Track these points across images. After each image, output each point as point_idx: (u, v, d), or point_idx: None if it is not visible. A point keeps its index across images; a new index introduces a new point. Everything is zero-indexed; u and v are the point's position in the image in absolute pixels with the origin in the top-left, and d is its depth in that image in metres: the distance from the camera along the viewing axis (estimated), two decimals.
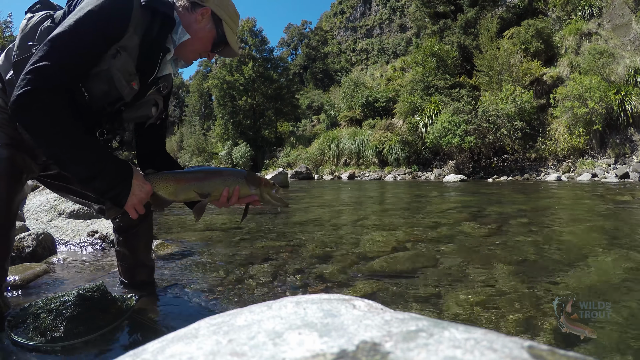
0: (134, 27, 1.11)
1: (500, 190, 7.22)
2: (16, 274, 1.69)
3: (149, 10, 1.14)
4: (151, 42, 1.16)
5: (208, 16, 1.23)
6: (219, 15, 1.24)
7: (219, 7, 1.24)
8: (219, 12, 1.24)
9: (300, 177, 15.22)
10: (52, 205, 2.69)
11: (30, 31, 1.18)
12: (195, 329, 0.48)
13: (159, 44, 1.18)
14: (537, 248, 2.37)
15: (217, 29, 1.25)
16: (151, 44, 1.16)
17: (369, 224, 3.42)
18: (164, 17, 1.16)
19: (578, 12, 15.23)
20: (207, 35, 1.25)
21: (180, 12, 1.22)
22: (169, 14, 1.17)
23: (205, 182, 1.17)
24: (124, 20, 1.09)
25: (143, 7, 1.12)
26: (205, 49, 1.27)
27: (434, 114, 14.84)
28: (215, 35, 1.26)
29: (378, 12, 47.39)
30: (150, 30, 1.15)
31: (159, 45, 1.18)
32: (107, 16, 1.05)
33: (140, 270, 1.59)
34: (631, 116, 11.13)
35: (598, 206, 4.43)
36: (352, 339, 0.37)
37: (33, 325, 1.17)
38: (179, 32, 1.21)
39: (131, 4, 1.10)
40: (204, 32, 1.23)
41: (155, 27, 1.16)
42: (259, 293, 1.65)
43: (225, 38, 1.27)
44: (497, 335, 0.35)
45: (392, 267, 2.01)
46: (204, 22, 1.23)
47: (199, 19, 1.22)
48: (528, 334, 1.23)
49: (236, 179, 1.19)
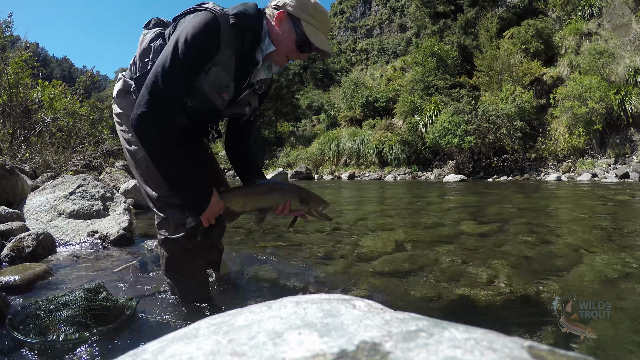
0: (225, 44, 1.24)
1: (500, 190, 7.22)
2: (16, 274, 1.69)
3: (239, 27, 1.25)
4: (243, 55, 1.30)
5: (285, 18, 1.28)
6: (296, 15, 1.27)
7: (295, 7, 1.27)
8: (295, 12, 1.27)
9: (300, 177, 15.21)
10: (52, 205, 2.69)
11: (147, 47, 1.40)
12: (195, 329, 0.48)
13: (248, 57, 1.31)
14: (537, 248, 2.37)
15: (295, 29, 1.28)
16: (243, 57, 1.30)
17: (369, 224, 3.42)
18: (252, 33, 1.28)
19: (578, 12, 15.22)
20: (288, 37, 1.29)
21: (268, 21, 1.31)
22: (255, 30, 1.29)
23: (266, 197, 1.39)
24: (214, 42, 1.22)
25: (232, 26, 1.24)
26: (290, 50, 1.31)
27: (434, 114, 14.82)
28: (295, 36, 1.29)
29: (378, 12, 47.38)
30: (242, 45, 1.28)
31: (249, 58, 1.32)
32: (200, 42, 1.19)
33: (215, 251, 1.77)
34: (631, 116, 11.12)
35: (598, 206, 4.43)
36: (352, 339, 0.37)
37: (34, 324, 1.17)
38: (266, 43, 1.31)
39: (218, 26, 1.22)
40: (284, 35, 1.29)
41: (246, 42, 1.28)
42: (259, 293, 1.65)
43: (306, 36, 1.27)
44: (497, 335, 0.35)
45: (392, 267, 2.01)
46: (283, 25, 1.29)
47: (277, 24, 1.29)
48: (528, 334, 1.23)
49: (290, 196, 1.39)
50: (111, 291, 1.44)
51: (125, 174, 5.52)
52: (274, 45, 1.30)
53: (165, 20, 1.48)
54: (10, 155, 5.34)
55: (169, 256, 1.43)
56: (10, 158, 4.97)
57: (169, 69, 1.18)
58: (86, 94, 9.85)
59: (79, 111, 8.16)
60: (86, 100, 9.51)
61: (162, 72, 1.17)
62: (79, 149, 6.98)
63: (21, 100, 6.72)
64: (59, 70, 73.84)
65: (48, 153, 5.61)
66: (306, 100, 31.40)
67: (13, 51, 8.31)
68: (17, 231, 2.32)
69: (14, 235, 2.21)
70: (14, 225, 2.36)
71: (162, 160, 1.22)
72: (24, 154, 5.65)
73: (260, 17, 1.30)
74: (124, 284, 1.73)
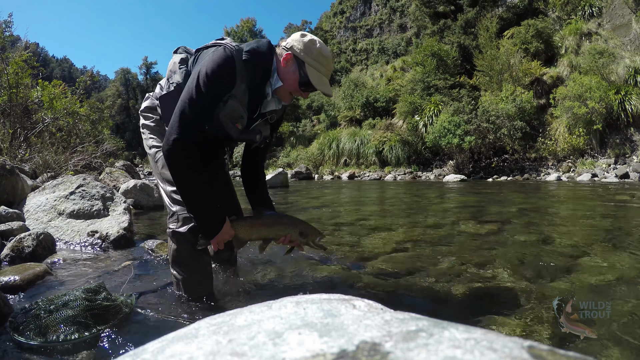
0: (240, 78, 1.38)
1: (500, 190, 7.22)
2: (16, 274, 1.69)
3: (251, 63, 1.38)
4: (255, 88, 1.43)
5: (291, 60, 1.40)
6: (302, 58, 1.40)
7: (302, 51, 1.40)
8: (301, 55, 1.39)
9: (300, 177, 15.21)
10: (52, 205, 2.69)
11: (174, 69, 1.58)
12: (195, 329, 0.48)
13: (259, 90, 1.45)
14: (537, 248, 2.37)
15: (300, 71, 1.40)
16: (255, 90, 1.43)
17: (369, 224, 3.42)
18: (262, 68, 1.41)
19: (578, 12, 15.21)
20: (292, 77, 1.41)
21: (278, 59, 1.43)
22: (266, 66, 1.41)
23: (271, 229, 1.56)
24: (231, 77, 1.36)
25: (245, 62, 1.37)
26: (294, 89, 1.44)
27: (434, 114, 14.82)
28: (299, 77, 1.41)
29: (378, 12, 47.38)
30: (254, 79, 1.41)
31: (260, 91, 1.45)
32: (218, 77, 1.33)
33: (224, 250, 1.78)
34: (631, 116, 11.11)
35: (598, 206, 4.43)
36: (352, 339, 0.37)
37: (34, 324, 1.17)
38: (275, 79, 1.43)
39: (234, 62, 1.35)
40: (289, 74, 1.41)
41: (257, 76, 1.41)
42: (259, 293, 1.65)
43: (309, 79, 1.39)
44: (497, 335, 0.35)
45: (392, 267, 2.01)
46: (289, 66, 1.41)
47: (284, 64, 1.41)
48: (528, 334, 1.23)
49: (291, 229, 1.55)
50: (111, 290, 1.44)
51: (126, 174, 5.52)
52: (282, 81, 1.42)
53: (189, 49, 1.65)
54: (10, 155, 5.34)
55: (175, 248, 1.53)
56: (10, 158, 4.97)
57: (194, 101, 1.32)
58: (86, 94, 9.86)
59: (79, 111, 8.17)
60: (86, 100, 9.52)
61: (189, 103, 1.32)
62: (79, 149, 6.98)
63: (21, 100, 6.72)
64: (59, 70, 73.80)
65: (48, 153, 5.61)
66: (306, 100, 31.38)
67: (13, 51, 8.31)
68: (17, 231, 2.32)
69: (14, 235, 2.21)
70: (14, 225, 2.36)
71: (187, 183, 1.35)
72: (24, 154, 5.66)
73: (271, 54, 1.43)
74: (123, 283, 1.73)
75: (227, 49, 1.37)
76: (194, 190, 1.35)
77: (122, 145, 16.18)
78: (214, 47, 1.45)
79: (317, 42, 1.42)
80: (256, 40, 1.47)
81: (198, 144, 1.37)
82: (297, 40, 1.42)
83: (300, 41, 1.41)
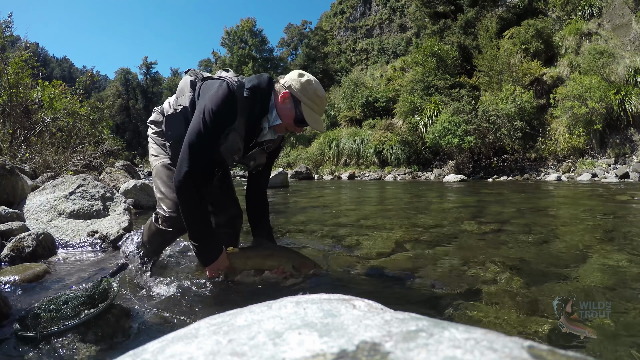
0: (240, 113, 1.49)
1: (500, 190, 7.22)
2: (16, 274, 1.69)
3: (251, 100, 1.49)
4: (253, 121, 1.54)
5: (289, 98, 1.51)
6: (298, 97, 1.50)
7: (298, 90, 1.50)
8: (297, 94, 1.50)
9: (300, 177, 15.21)
10: (52, 205, 2.69)
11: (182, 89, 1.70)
12: (195, 329, 0.48)
13: (256, 123, 1.56)
14: (537, 248, 2.37)
15: (295, 109, 1.51)
16: (253, 122, 1.54)
17: (369, 224, 3.42)
18: (261, 104, 1.52)
19: (578, 12, 15.20)
20: (288, 114, 1.52)
21: (276, 95, 1.53)
22: (264, 102, 1.52)
23: (265, 261, 1.65)
24: (232, 113, 1.47)
25: (246, 98, 1.48)
26: (289, 125, 1.54)
27: (434, 114, 14.81)
28: (294, 115, 1.52)
29: (378, 12, 47.37)
30: (252, 113, 1.52)
31: (257, 124, 1.57)
32: (221, 114, 1.44)
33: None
34: (631, 116, 11.10)
35: (598, 206, 4.43)
36: (352, 339, 0.36)
37: (34, 325, 1.17)
38: (273, 116, 1.54)
39: (235, 100, 1.46)
40: (285, 111, 1.52)
41: (256, 110, 1.52)
42: (259, 293, 1.65)
43: (303, 117, 1.50)
44: (497, 335, 0.35)
45: (392, 267, 2.01)
46: (286, 103, 1.51)
47: (282, 101, 1.51)
48: (528, 334, 1.23)
49: (285, 261, 1.64)
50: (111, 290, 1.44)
51: (125, 174, 5.52)
52: (280, 119, 1.53)
53: (198, 73, 1.73)
54: (10, 155, 5.34)
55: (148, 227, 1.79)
56: (10, 158, 4.97)
57: (202, 135, 1.44)
58: (86, 94, 9.86)
59: (79, 111, 8.17)
60: (86, 100, 9.52)
61: (197, 136, 1.44)
62: (79, 149, 6.98)
63: (21, 100, 6.72)
64: (59, 70, 73.74)
65: (48, 153, 5.61)
66: None
67: (13, 51, 8.31)
68: (17, 231, 2.32)
69: (14, 235, 2.21)
70: (14, 225, 2.36)
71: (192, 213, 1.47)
72: (24, 154, 5.65)
73: (269, 91, 1.53)
74: (123, 283, 1.73)
75: (230, 85, 1.48)
76: (195, 221, 1.48)
77: (122, 145, 16.18)
78: (218, 80, 1.54)
79: (313, 82, 1.53)
80: (257, 75, 1.57)
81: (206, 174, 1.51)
82: (295, 79, 1.51)
83: (297, 81, 1.51)
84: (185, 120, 1.62)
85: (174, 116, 1.67)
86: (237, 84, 1.49)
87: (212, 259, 1.54)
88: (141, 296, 1.57)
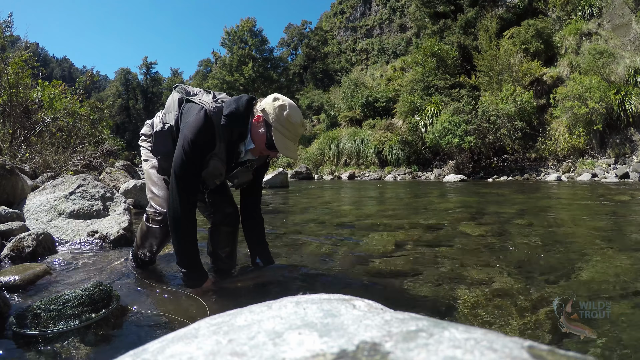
0: (219, 138, 1.54)
1: (500, 190, 7.22)
2: (16, 274, 1.69)
3: (228, 127, 1.53)
4: (232, 145, 1.60)
5: (262, 122, 1.52)
6: (270, 122, 1.50)
7: (271, 115, 1.50)
8: (269, 119, 1.50)
9: (300, 177, 15.21)
10: (52, 205, 2.69)
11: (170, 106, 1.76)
12: (195, 329, 0.48)
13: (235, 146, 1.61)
14: (537, 248, 2.37)
15: (267, 134, 1.52)
16: (232, 146, 1.60)
17: (369, 224, 3.42)
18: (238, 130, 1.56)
19: (578, 12, 15.20)
20: (261, 138, 1.54)
21: (253, 118, 1.54)
22: (241, 130, 1.55)
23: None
24: (211, 141, 1.53)
25: (223, 125, 1.51)
26: (262, 149, 1.57)
27: (434, 114, 14.81)
28: (265, 139, 1.53)
29: (378, 12, 47.34)
30: (231, 139, 1.57)
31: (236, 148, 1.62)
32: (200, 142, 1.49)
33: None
34: (631, 116, 11.10)
35: (598, 206, 4.42)
36: (352, 339, 0.36)
37: (34, 325, 1.17)
38: (248, 140, 1.58)
39: (213, 128, 1.51)
40: (258, 135, 1.54)
41: (234, 135, 1.57)
42: (259, 293, 1.65)
43: (273, 142, 1.50)
44: (497, 335, 0.35)
45: (392, 267, 2.01)
46: (259, 127, 1.53)
47: (256, 124, 1.54)
48: (528, 334, 1.23)
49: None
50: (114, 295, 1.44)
51: (125, 174, 5.52)
52: (253, 143, 1.57)
53: (185, 89, 1.76)
54: (10, 155, 5.34)
55: (140, 229, 1.84)
56: (10, 158, 4.97)
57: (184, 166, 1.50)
58: (86, 94, 9.84)
59: (79, 111, 8.16)
60: (86, 100, 9.50)
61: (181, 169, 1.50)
62: (79, 149, 6.97)
63: (21, 100, 6.71)
64: (59, 70, 73.72)
65: (48, 153, 5.61)
66: (306, 100, 31.37)
67: (13, 51, 8.31)
68: (17, 231, 2.32)
69: (14, 235, 2.21)
70: (14, 225, 2.36)
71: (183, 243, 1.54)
72: (24, 154, 5.65)
73: (247, 116, 1.55)
74: (123, 283, 1.73)
75: (208, 112, 1.51)
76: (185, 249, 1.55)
77: (122, 145, 16.18)
78: (198, 106, 1.57)
79: (287, 106, 1.52)
80: (237, 98, 1.59)
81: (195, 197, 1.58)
82: (269, 104, 1.52)
83: (271, 105, 1.51)
84: (171, 137, 1.68)
85: (161, 133, 1.72)
86: (215, 110, 1.53)
87: (197, 285, 1.61)
88: (141, 296, 1.57)
